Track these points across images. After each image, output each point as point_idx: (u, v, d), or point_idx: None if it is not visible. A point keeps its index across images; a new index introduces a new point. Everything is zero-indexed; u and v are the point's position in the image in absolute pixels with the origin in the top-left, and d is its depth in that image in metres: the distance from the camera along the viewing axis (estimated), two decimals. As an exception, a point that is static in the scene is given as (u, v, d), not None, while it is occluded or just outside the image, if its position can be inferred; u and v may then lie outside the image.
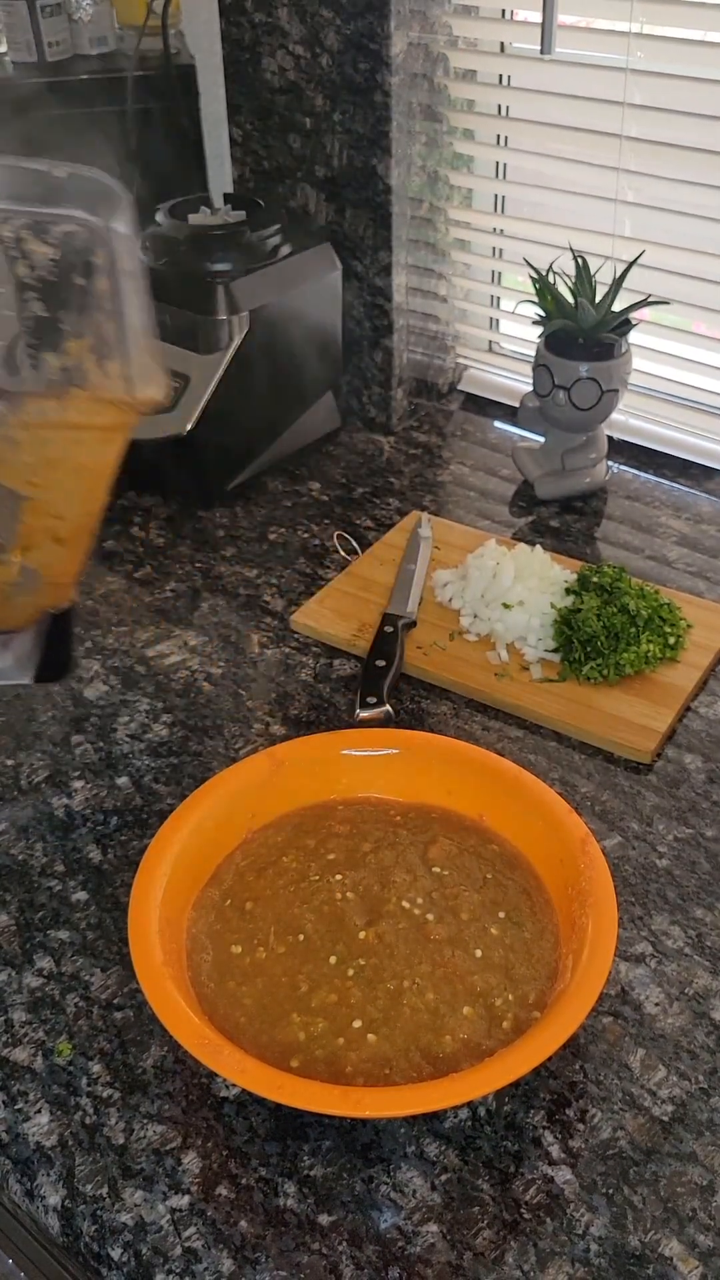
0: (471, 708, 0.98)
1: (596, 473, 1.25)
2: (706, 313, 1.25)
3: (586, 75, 1.23)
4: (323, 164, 1.31)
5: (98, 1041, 0.72)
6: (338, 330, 1.33)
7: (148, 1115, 0.68)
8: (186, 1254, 0.62)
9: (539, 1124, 0.67)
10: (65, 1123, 0.68)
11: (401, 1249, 0.62)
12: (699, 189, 1.19)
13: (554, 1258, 0.61)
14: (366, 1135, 0.67)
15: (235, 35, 1.30)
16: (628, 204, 1.25)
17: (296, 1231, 0.63)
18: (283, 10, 1.25)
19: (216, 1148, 0.66)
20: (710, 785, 0.90)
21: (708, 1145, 0.66)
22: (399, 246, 1.31)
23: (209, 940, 0.74)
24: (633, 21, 1.16)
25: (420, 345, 1.41)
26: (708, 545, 1.18)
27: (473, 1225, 0.63)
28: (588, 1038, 0.72)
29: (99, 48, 1.51)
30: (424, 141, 1.30)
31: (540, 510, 1.25)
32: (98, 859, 0.85)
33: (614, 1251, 0.62)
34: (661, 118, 1.19)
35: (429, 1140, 0.67)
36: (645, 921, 0.79)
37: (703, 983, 0.75)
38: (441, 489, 1.29)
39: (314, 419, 1.34)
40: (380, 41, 1.20)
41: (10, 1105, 0.69)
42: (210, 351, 1.18)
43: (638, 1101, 0.68)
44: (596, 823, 0.87)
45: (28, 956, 0.78)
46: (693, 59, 1.17)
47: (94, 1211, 0.64)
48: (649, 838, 0.86)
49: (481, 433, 1.40)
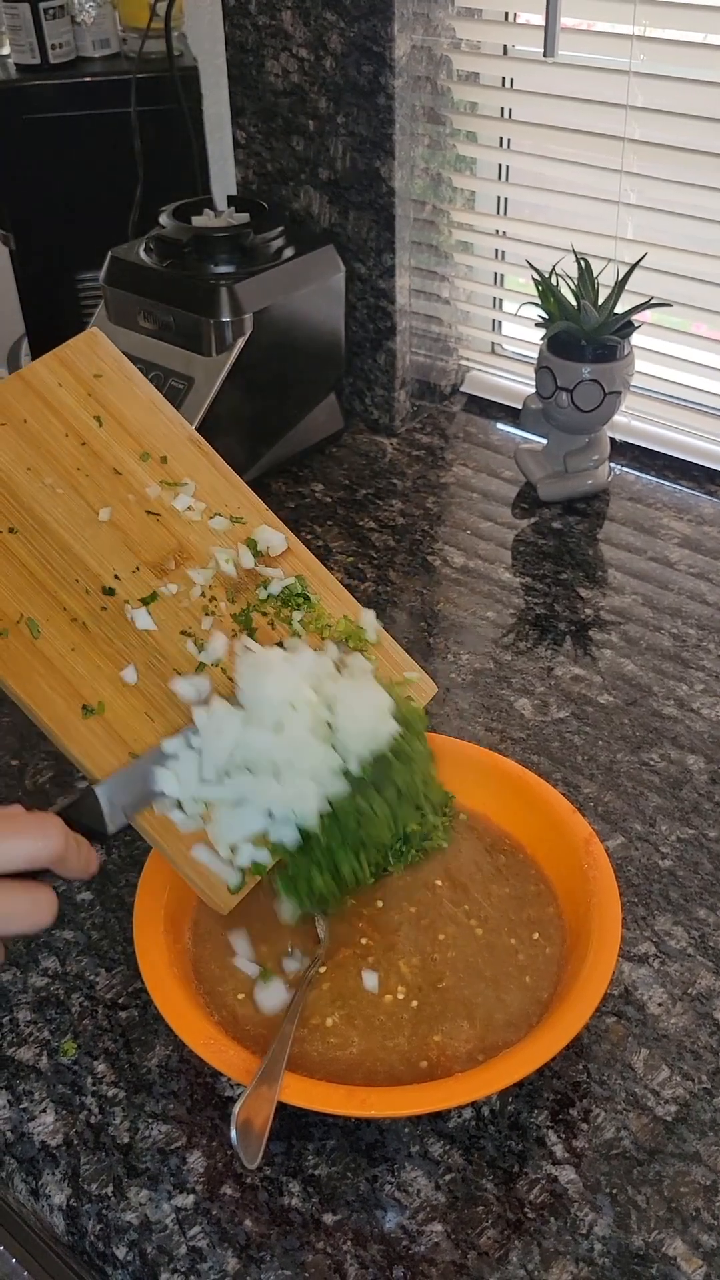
0: (475, 709, 0.98)
1: (599, 474, 1.25)
2: (708, 315, 1.25)
3: (589, 78, 1.23)
4: (326, 166, 1.31)
5: (102, 1041, 0.73)
6: (341, 332, 1.34)
7: (152, 1114, 0.68)
8: (191, 1253, 0.62)
9: (543, 1124, 0.68)
10: (70, 1122, 0.68)
11: (406, 1248, 0.62)
12: (701, 191, 1.19)
13: (558, 1257, 0.61)
14: (371, 1135, 0.67)
15: (239, 38, 1.31)
16: (630, 206, 1.25)
17: (301, 1231, 0.63)
18: (286, 13, 1.25)
19: (221, 1147, 0.67)
20: (713, 786, 0.90)
21: (711, 1145, 0.66)
22: (402, 249, 1.31)
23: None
24: (635, 24, 1.16)
25: (423, 347, 1.41)
26: (710, 547, 1.18)
27: (477, 1225, 0.63)
28: (591, 1038, 0.72)
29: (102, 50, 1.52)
30: (427, 144, 1.30)
31: (542, 512, 1.25)
32: (102, 859, 0.85)
33: (618, 1251, 0.62)
34: (664, 120, 1.19)
35: (433, 1140, 0.67)
36: (648, 922, 0.80)
37: (706, 983, 0.75)
38: (444, 491, 1.30)
39: (317, 420, 1.35)
40: (384, 44, 1.20)
41: (15, 1104, 0.69)
42: (214, 353, 1.19)
43: (641, 1101, 0.69)
44: (600, 823, 0.87)
45: (33, 956, 0.78)
46: (695, 61, 1.17)
47: (99, 1210, 0.64)
48: (652, 838, 0.86)
49: (484, 434, 1.41)
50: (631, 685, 1.00)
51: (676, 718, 0.97)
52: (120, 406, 0.75)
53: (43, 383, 0.74)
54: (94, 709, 0.66)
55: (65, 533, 0.71)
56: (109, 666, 0.68)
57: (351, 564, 1.17)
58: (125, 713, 0.67)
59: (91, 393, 0.74)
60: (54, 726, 0.66)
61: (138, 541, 0.72)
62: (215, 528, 0.74)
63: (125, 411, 0.75)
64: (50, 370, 0.74)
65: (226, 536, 0.75)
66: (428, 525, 1.24)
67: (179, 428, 0.77)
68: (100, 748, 0.66)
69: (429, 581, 1.15)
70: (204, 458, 0.76)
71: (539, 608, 1.11)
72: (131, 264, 1.24)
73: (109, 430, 0.74)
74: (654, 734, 0.95)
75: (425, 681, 0.80)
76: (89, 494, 0.72)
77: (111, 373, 0.76)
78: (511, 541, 1.21)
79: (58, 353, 0.75)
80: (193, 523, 0.74)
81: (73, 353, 0.75)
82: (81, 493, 0.72)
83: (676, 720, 0.96)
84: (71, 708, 0.66)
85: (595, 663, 1.03)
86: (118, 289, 1.26)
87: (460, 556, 1.18)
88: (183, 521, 0.74)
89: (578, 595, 1.12)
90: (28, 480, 0.71)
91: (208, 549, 0.74)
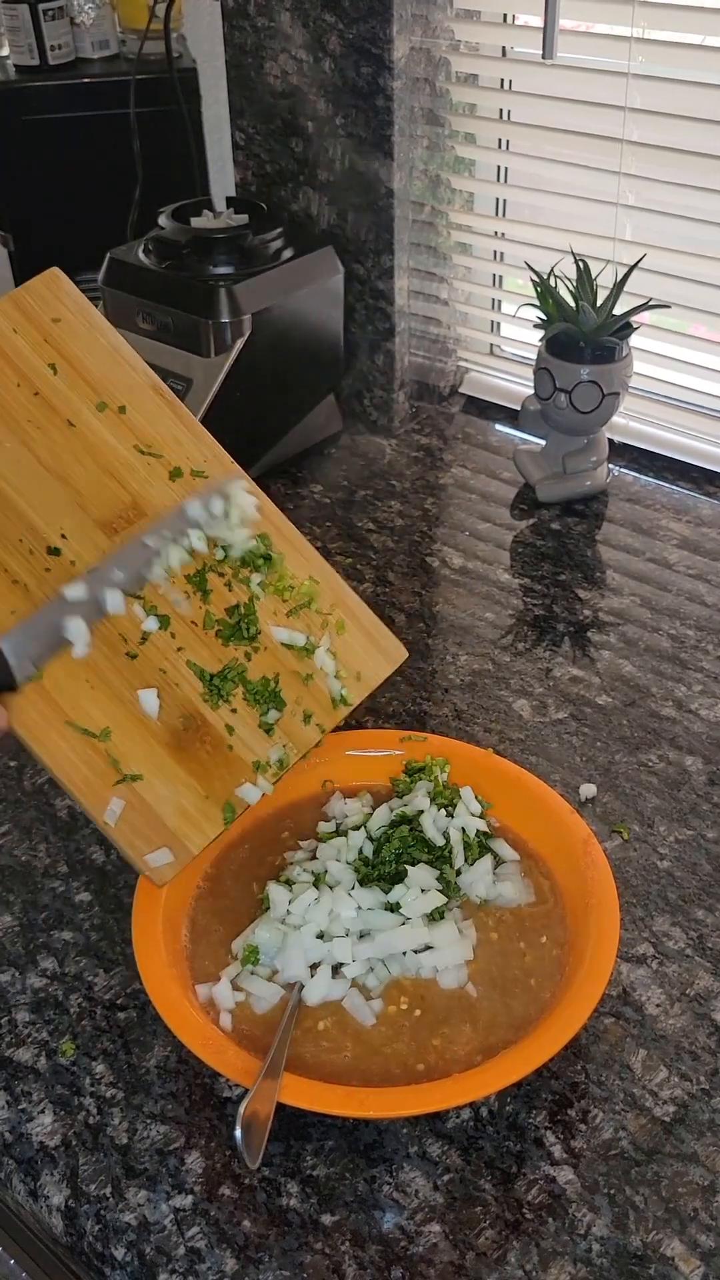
0: (473, 709, 0.98)
1: (597, 476, 1.25)
2: (706, 316, 1.25)
3: (587, 80, 1.23)
4: (325, 168, 1.31)
5: (101, 1042, 0.73)
6: (339, 333, 1.34)
7: (151, 1115, 0.68)
8: (190, 1254, 0.62)
9: (541, 1124, 0.68)
10: (69, 1123, 0.68)
11: (404, 1249, 0.62)
12: (699, 193, 1.19)
13: (556, 1257, 0.61)
14: (369, 1135, 0.67)
15: (238, 39, 1.31)
16: (628, 208, 1.25)
17: (299, 1231, 0.63)
18: (285, 15, 1.25)
19: (220, 1148, 0.67)
20: (711, 787, 0.90)
21: (709, 1146, 0.67)
22: (401, 250, 1.31)
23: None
24: (634, 26, 1.16)
25: (422, 348, 1.41)
26: (708, 548, 1.18)
27: (475, 1225, 0.63)
28: (589, 1038, 0.72)
29: (101, 51, 1.52)
30: (426, 145, 1.30)
31: (541, 513, 1.25)
32: (100, 860, 0.85)
33: (615, 1251, 0.62)
34: (662, 122, 1.19)
35: (431, 1140, 0.67)
36: (646, 923, 0.80)
37: (704, 984, 0.75)
38: (443, 492, 1.30)
39: (316, 421, 1.35)
40: (382, 46, 1.20)
41: (14, 1105, 0.69)
42: (212, 354, 1.19)
43: (639, 1102, 0.69)
44: (598, 824, 0.87)
45: (31, 957, 0.78)
46: (693, 63, 1.17)
47: (97, 1211, 0.64)
48: (650, 839, 0.86)
49: (483, 435, 1.41)
50: (630, 686, 1.01)
51: (675, 719, 0.97)
52: (79, 353, 0.72)
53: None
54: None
55: (10, 488, 0.68)
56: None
57: (350, 565, 1.17)
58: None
59: (48, 338, 0.71)
60: None
61: (89, 498, 0.70)
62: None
63: (84, 358, 0.72)
64: (4, 316, 0.71)
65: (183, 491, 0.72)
66: (426, 526, 1.24)
67: (141, 375, 0.73)
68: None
69: (427, 582, 1.15)
70: (166, 407, 0.73)
71: (537, 609, 1.11)
72: (130, 265, 1.25)
73: (65, 378, 0.71)
74: (652, 735, 0.95)
75: (395, 647, 0.79)
76: (39, 448, 0.69)
77: (71, 317, 0.72)
78: (510, 543, 1.21)
79: (13, 295, 0.72)
80: (151, 479, 0.72)
81: (31, 296, 0.72)
82: (31, 446, 0.69)
83: (675, 721, 0.96)
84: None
85: (594, 664, 1.03)
86: (116, 290, 1.26)
87: (459, 558, 1.18)
88: (140, 477, 0.71)
89: (576, 596, 1.12)
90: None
91: (164, 506, 0.71)
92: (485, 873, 0.76)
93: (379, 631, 0.79)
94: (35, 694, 0.67)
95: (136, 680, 0.71)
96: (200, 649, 0.73)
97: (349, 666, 0.79)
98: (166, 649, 0.72)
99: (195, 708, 0.73)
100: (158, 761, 0.71)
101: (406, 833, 0.76)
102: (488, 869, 0.76)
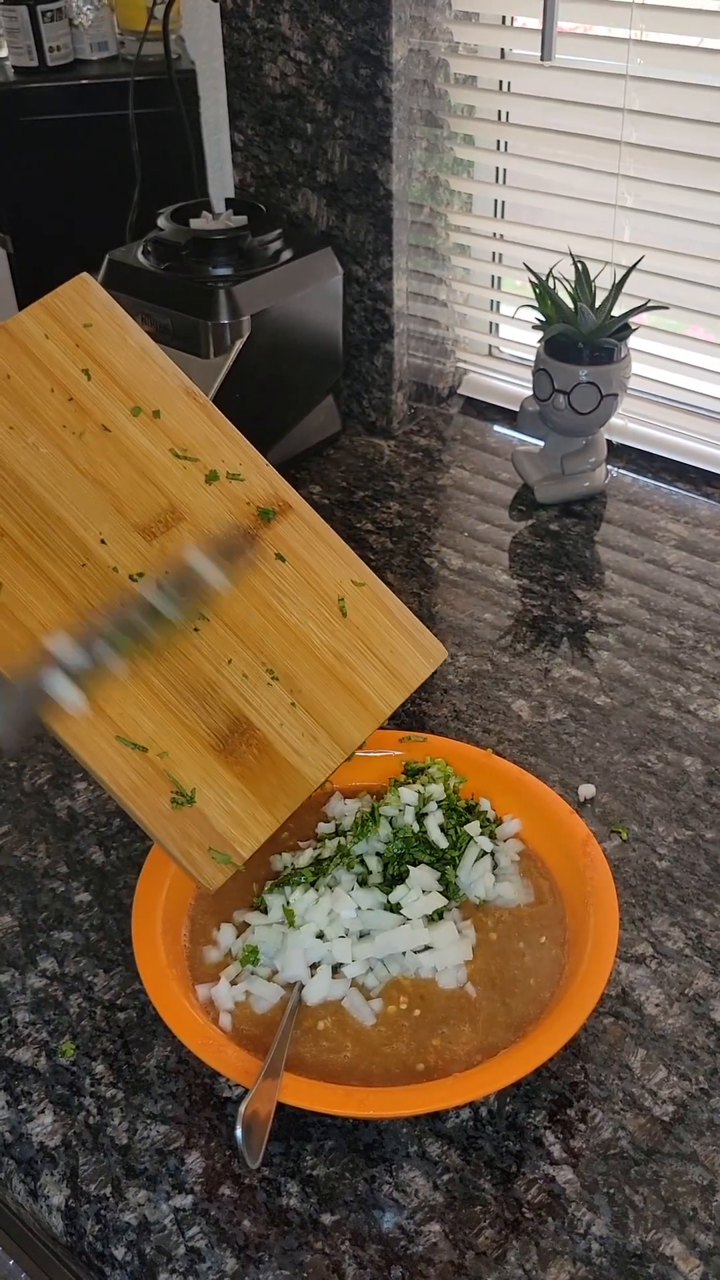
0: (472, 710, 0.98)
1: (596, 477, 1.25)
2: (705, 317, 1.26)
3: (586, 81, 1.24)
4: (324, 169, 1.31)
5: (101, 1042, 0.73)
6: (338, 334, 1.34)
7: (151, 1115, 0.69)
8: (190, 1253, 0.62)
9: (540, 1124, 0.68)
10: (69, 1123, 0.68)
11: (404, 1248, 0.62)
12: (698, 194, 1.20)
13: (555, 1257, 0.62)
14: (369, 1135, 0.67)
15: (236, 41, 1.31)
16: (627, 209, 1.25)
17: (299, 1231, 0.63)
18: (284, 16, 1.26)
19: (220, 1147, 0.67)
20: (710, 787, 0.90)
21: (708, 1145, 0.67)
22: (399, 251, 1.32)
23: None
24: (632, 28, 1.16)
25: (420, 349, 1.41)
26: (706, 549, 1.19)
27: (475, 1225, 0.63)
28: (589, 1038, 0.72)
29: (100, 52, 1.52)
30: (424, 147, 1.31)
31: (539, 514, 1.25)
32: (100, 860, 0.85)
33: (615, 1251, 0.62)
34: (660, 123, 1.20)
35: (431, 1140, 0.67)
36: (645, 923, 0.80)
37: (703, 984, 0.75)
38: (441, 493, 1.30)
39: (315, 422, 1.35)
40: (381, 47, 1.20)
41: (14, 1105, 0.69)
42: (211, 356, 1.19)
43: (639, 1102, 0.69)
44: (597, 824, 0.87)
45: (31, 957, 0.78)
46: (691, 65, 1.18)
47: (97, 1211, 0.64)
48: (649, 839, 0.86)
49: (481, 437, 1.41)
50: (628, 687, 1.01)
51: (673, 719, 0.97)
52: (111, 358, 0.72)
53: (28, 335, 0.70)
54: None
55: (47, 494, 0.68)
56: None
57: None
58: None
59: (80, 344, 0.71)
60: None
61: (126, 502, 0.69)
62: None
63: (116, 363, 0.72)
64: (37, 321, 0.71)
65: (225, 499, 0.72)
66: (425, 527, 1.24)
67: (173, 378, 0.73)
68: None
69: (426, 583, 1.15)
70: (199, 410, 0.73)
71: (536, 609, 1.11)
72: (129, 266, 1.25)
73: (98, 384, 0.71)
74: (651, 735, 0.95)
75: (435, 646, 0.79)
76: (75, 453, 0.69)
77: (102, 321, 0.72)
78: (509, 543, 1.21)
79: (45, 302, 0.72)
80: (187, 482, 0.71)
81: (61, 302, 0.72)
82: (67, 451, 0.69)
83: (673, 722, 0.97)
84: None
85: (592, 664, 1.03)
86: (115, 291, 1.24)
87: (458, 558, 1.19)
88: (176, 481, 0.71)
89: (575, 597, 1.12)
90: (9, 440, 0.68)
91: (201, 510, 0.71)
92: (485, 873, 0.76)
93: (419, 631, 0.78)
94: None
95: (181, 684, 0.71)
96: (240, 650, 0.73)
97: (390, 667, 0.79)
98: (211, 651, 0.71)
99: (240, 710, 0.73)
100: (205, 766, 0.71)
101: (410, 833, 0.76)
102: (487, 869, 0.76)
